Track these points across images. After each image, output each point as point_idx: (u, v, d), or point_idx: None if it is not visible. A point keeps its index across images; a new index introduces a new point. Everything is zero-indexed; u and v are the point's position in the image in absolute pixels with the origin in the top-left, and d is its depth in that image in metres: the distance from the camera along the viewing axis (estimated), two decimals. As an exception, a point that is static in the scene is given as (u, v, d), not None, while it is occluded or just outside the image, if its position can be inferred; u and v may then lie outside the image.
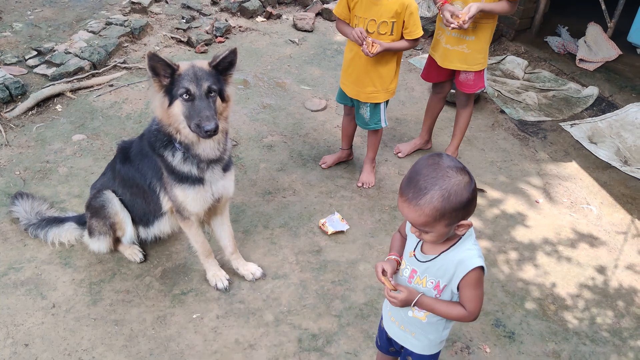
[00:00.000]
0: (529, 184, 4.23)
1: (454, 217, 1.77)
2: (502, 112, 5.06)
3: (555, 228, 3.82)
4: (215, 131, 2.52)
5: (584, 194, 4.16)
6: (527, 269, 3.48)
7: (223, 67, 2.65)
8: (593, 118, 4.98)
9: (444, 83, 4.03)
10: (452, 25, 3.47)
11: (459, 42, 3.66)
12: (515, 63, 5.71)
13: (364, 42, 3.28)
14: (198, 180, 2.79)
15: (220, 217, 3.16)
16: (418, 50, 6.06)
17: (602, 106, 5.17)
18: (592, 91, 5.31)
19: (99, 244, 3.22)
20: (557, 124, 4.94)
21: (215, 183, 2.85)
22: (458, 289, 1.93)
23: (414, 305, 1.99)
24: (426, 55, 4.56)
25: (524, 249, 3.63)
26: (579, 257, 3.61)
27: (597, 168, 4.44)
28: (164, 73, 2.53)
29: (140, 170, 2.94)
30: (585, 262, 3.57)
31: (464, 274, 1.87)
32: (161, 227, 3.15)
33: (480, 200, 3.99)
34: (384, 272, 2.03)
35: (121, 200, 3.13)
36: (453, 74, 3.88)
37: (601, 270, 3.53)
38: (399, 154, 4.35)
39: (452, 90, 4.09)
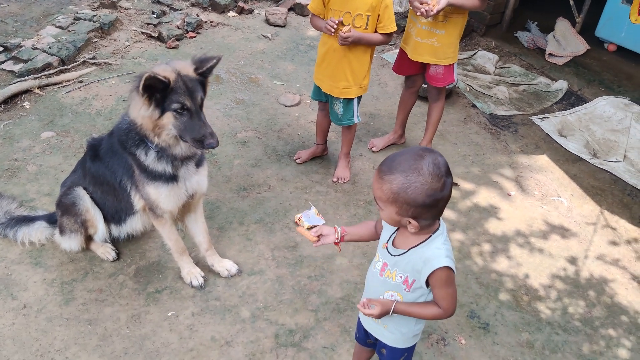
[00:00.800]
0: (501, 176, 4.28)
1: (404, 209, 1.79)
2: (474, 106, 5.11)
3: (527, 220, 3.88)
4: (217, 146, 2.53)
5: (554, 186, 4.23)
6: (500, 261, 3.53)
7: (205, 72, 2.60)
8: (562, 112, 5.07)
9: (415, 77, 4.05)
10: (419, 11, 3.47)
11: (430, 36, 3.68)
12: (486, 58, 5.77)
13: (338, 30, 3.28)
14: (172, 178, 2.75)
15: (194, 214, 3.12)
16: (391, 45, 6.08)
17: (571, 100, 5.27)
18: (561, 85, 5.40)
19: (71, 243, 3.15)
20: (527, 117, 5.01)
21: (189, 179, 2.81)
22: (428, 285, 1.94)
23: (392, 314, 2.01)
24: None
25: (497, 241, 3.68)
26: (551, 248, 3.67)
27: (567, 161, 4.52)
28: (157, 89, 2.42)
29: (110, 167, 2.87)
30: (557, 253, 3.64)
31: (429, 272, 1.87)
32: (133, 224, 3.09)
33: (454, 193, 4.03)
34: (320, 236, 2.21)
35: (92, 197, 3.07)
36: (424, 67, 3.91)
37: (572, 261, 3.59)
38: (373, 149, 4.37)
39: (424, 85, 4.12)
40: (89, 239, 3.21)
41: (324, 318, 3.02)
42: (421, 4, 3.47)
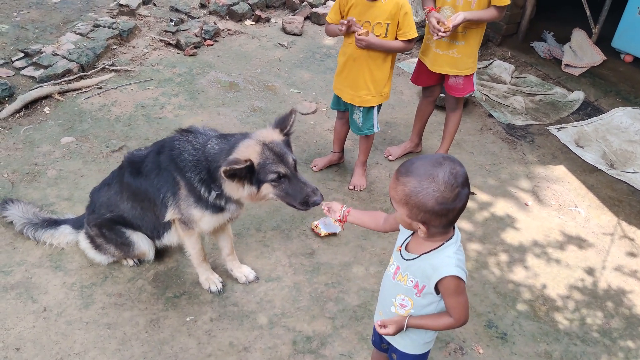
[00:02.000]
0: (518, 186, 4.27)
1: (413, 212, 1.81)
2: (490, 116, 5.11)
3: (545, 230, 3.87)
4: (322, 201, 2.52)
5: (571, 196, 4.22)
6: (517, 271, 3.52)
7: (290, 131, 2.64)
8: (579, 122, 5.06)
9: (433, 87, 4.06)
10: (435, 36, 3.51)
11: (449, 47, 3.70)
12: (502, 68, 5.77)
13: (357, 32, 3.29)
14: (221, 209, 2.77)
15: (223, 231, 3.12)
16: (407, 54, 6.10)
17: (588, 110, 5.25)
18: (577, 96, 5.38)
19: (103, 259, 3.20)
20: (544, 127, 5.00)
21: (234, 210, 2.83)
22: (438, 292, 1.95)
23: (406, 328, 2.05)
24: (415, 60, 4.59)
25: (514, 251, 3.67)
26: (568, 258, 3.65)
27: (584, 171, 4.50)
28: (244, 174, 2.45)
29: (155, 184, 2.82)
30: (574, 263, 3.62)
31: (437, 280, 1.89)
32: (170, 238, 3.09)
33: (470, 203, 4.03)
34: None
35: (130, 216, 3.06)
36: (442, 77, 3.92)
37: (590, 271, 3.57)
38: (390, 157, 4.38)
39: (442, 94, 4.12)
40: None
41: (341, 325, 3.02)
42: (438, 23, 3.49)
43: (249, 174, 2.46)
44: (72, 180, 3.83)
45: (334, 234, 3.59)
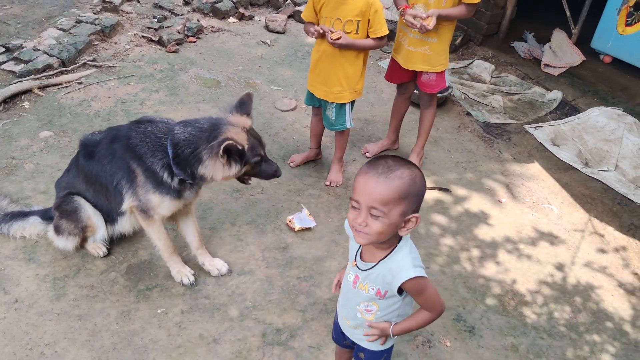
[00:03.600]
0: (493, 183, 4.33)
1: (412, 202, 1.79)
2: (469, 114, 5.16)
3: (517, 226, 3.92)
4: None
5: (545, 194, 4.28)
6: (488, 266, 3.57)
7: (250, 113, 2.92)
8: (556, 121, 5.12)
9: (407, 84, 4.11)
10: (415, 27, 3.56)
11: (422, 44, 3.75)
12: (482, 67, 5.83)
13: (328, 32, 3.34)
14: (178, 194, 2.88)
15: (185, 214, 3.17)
16: (388, 53, 6.14)
17: (566, 110, 5.32)
18: (556, 95, 5.45)
19: (67, 243, 3.19)
20: (521, 126, 5.06)
21: (190, 196, 2.97)
22: (401, 293, 1.97)
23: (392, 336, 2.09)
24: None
25: (486, 246, 3.72)
26: (539, 254, 3.70)
27: (558, 169, 4.57)
28: (235, 155, 2.69)
29: (108, 170, 2.90)
30: (545, 259, 3.67)
31: (399, 284, 1.90)
32: (123, 225, 3.14)
33: (445, 199, 4.09)
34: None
35: (85, 197, 3.11)
36: (415, 74, 3.96)
37: (560, 267, 3.63)
38: (367, 154, 4.42)
39: (417, 91, 4.17)
40: (84, 239, 3.25)
41: (311, 318, 3.05)
42: (414, 18, 3.54)
43: (238, 155, 2.69)
44: (49, 173, 3.84)
45: (308, 229, 3.62)
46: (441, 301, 2.00)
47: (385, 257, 1.93)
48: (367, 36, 3.47)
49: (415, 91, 4.20)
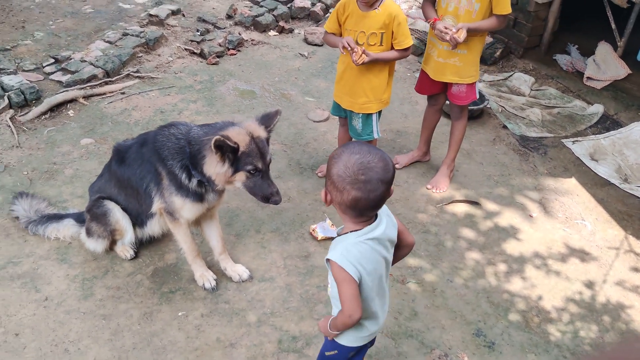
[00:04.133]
0: (525, 198, 4.24)
1: (327, 182, 2.02)
2: (505, 127, 5.08)
3: (547, 242, 3.83)
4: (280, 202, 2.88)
5: (579, 209, 4.16)
6: (514, 281, 3.50)
7: (272, 129, 2.86)
8: (596, 135, 4.98)
9: (437, 95, 4.09)
10: (446, 37, 3.55)
11: (451, 56, 3.73)
12: (522, 80, 5.73)
13: (353, 52, 3.37)
14: (200, 198, 2.96)
15: (210, 219, 3.26)
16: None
17: (607, 124, 5.16)
18: (597, 109, 5.30)
19: (96, 245, 3.34)
20: (559, 140, 4.94)
21: (212, 198, 3.04)
22: None
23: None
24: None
25: (513, 261, 3.65)
26: (568, 271, 3.61)
27: (595, 185, 4.43)
28: (228, 152, 2.65)
29: (138, 174, 3.05)
30: (574, 276, 3.57)
31: (325, 261, 2.04)
32: (153, 227, 3.26)
33: (474, 212, 4.03)
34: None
35: (117, 201, 3.25)
36: (446, 86, 3.94)
37: (589, 285, 3.52)
38: (397, 165, 4.40)
39: (448, 102, 4.15)
40: (113, 242, 3.38)
41: (328, 327, 3.07)
42: (445, 28, 3.54)
43: (232, 155, 2.66)
44: (87, 179, 4.00)
45: (331, 238, 3.65)
46: (352, 306, 2.00)
47: (339, 235, 2.07)
48: (392, 47, 3.49)
49: (448, 102, 4.18)
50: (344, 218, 2.03)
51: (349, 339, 2.23)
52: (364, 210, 1.95)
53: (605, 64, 5.81)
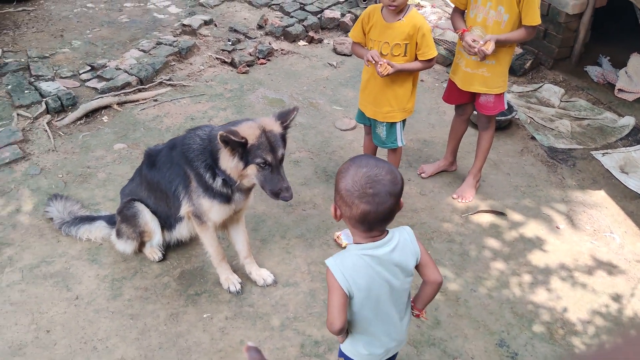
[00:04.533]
0: (552, 209, 4.20)
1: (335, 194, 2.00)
2: (533, 138, 5.05)
3: (574, 254, 3.79)
4: (290, 199, 2.89)
5: (608, 222, 4.11)
6: (539, 293, 3.47)
7: (289, 125, 2.89)
8: (627, 148, 4.91)
9: (465, 105, 4.10)
10: (474, 50, 3.57)
11: (479, 66, 3.74)
12: (551, 91, 5.69)
13: (378, 64, 3.40)
14: (227, 199, 3.02)
15: (236, 223, 3.32)
16: (454, 76, 6.12)
17: (638, 137, 5.09)
18: (628, 121, 5.23)
19: (126, 246, 3.44)
20: (588, 152, 4.89)
21: (239, 200, 3.10)
22: None
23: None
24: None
25: (538, 272, 3.62)
26: (595, 284, 3.57)
27: (624, 197, 4.37)
28: (236, 146, 2.71)
29: (167, 177, 3.14)
30: (601, 289, 3.53)
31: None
32: (181, 231, 3.34)
33: (500, 223, 4.02)
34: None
35: (147, 204, 3.34)
36: (473, 96, 3.95)
37: (617, 298, 3.48)
38: (422, 174, 4.42)
39: (475, 112, 4.15)
40: (142, 244, 3.48)
41: (350, 332, 3.09)
42: (473, 41, 3.56)
43: (241, 149, 2.71)
44: (119, 182, 4.11)
45: (356, 245, 3.67)
46: (331, 315, 1.99)
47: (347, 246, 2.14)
48: (416, 58, 3.52)
49: (475, 112, 4.18)
50: (353, 232, 2.02)
51: (348, 349, 2.22)
52: (373, 224, 1.94)
53: (638, 76, 5.72)
